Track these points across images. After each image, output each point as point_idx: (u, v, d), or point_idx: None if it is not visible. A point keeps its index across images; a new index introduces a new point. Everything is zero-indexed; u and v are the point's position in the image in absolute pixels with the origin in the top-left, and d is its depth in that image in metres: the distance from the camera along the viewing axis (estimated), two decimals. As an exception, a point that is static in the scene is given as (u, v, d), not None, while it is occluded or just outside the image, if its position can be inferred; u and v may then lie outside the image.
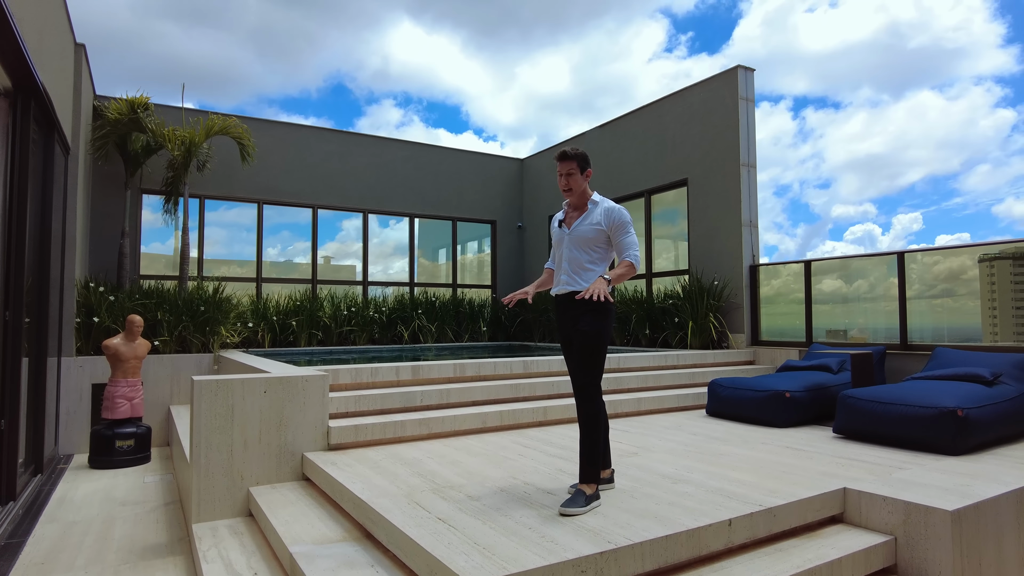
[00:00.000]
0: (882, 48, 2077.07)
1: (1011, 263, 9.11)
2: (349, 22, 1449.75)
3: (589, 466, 3.26)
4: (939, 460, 4.18)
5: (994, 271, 8.59)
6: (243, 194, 10.41)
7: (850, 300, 7.55)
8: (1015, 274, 9.36)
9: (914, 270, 6.94)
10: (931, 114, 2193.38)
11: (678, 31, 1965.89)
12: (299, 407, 4.49)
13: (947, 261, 6.69)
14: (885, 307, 7.20)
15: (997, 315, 6.40)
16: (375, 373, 5.43)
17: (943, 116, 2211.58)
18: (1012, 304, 6.10)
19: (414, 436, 4.87)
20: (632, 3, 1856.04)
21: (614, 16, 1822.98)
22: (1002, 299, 6.31)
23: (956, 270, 6.63)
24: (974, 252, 6.61)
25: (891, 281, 7.26)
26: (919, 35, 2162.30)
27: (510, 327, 11.94)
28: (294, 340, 9.93)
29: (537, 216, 12.67)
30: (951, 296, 6.60)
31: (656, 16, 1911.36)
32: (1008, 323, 6.26)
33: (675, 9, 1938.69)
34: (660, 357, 7.26)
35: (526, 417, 5.38)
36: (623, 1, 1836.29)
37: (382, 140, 11.77)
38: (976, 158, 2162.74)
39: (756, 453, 4.43)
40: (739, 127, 8.49)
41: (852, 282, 7.50)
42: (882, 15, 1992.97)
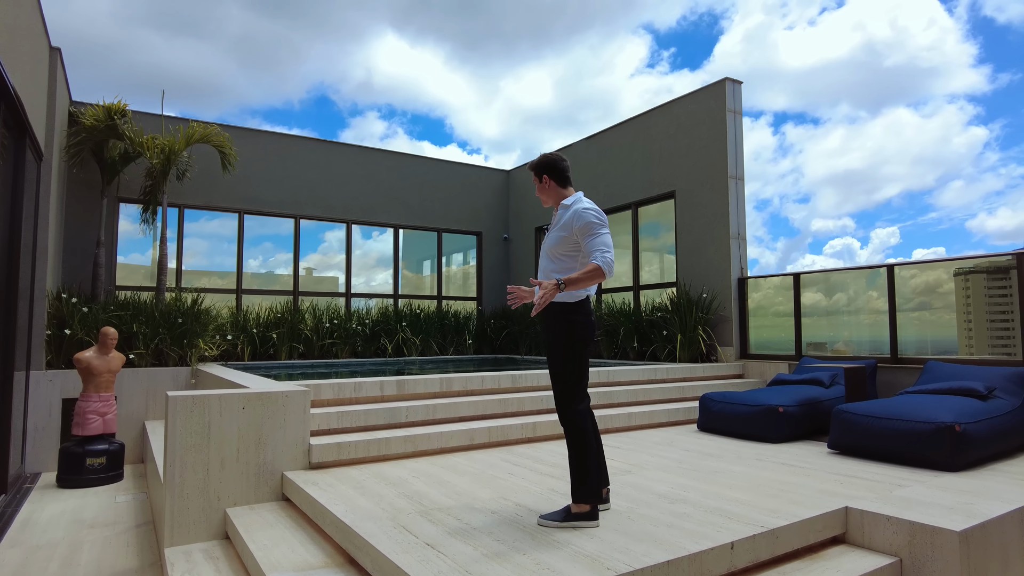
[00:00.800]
0: (859, 66, 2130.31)
1: (985, 277, 9.19)
2: (333, 33, 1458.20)
3: (573, 482, 3.16)
4: (937, 476, 4.09)
5: (969, 285, 8.66)
6: (224, 203, 10.19)
7: (830, 313, 7.57)
8: (989, 288, 9.46)
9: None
10: (907, 131, 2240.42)
11: (660, 47, 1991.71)
12: (279, 424, 4.30)
13: (923, 275, 6.72)
14: (864, 320, 7.20)
15: (972, 328, 6.47)
16: (358, 388, 5.25)
17: (918, 133, 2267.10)
18: (987, 317, 6.16)
19: (399, 454, 4.70)
20: (615, 19, 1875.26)
21: (597, 31, 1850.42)
22: (977, 312, 6.37)
23: (932, 284, 6.68)
24: (951, 266, 6.59)
25: (870, 294, 7.27)
26: (895, 54, 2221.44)
27: (496, 340, 11.79)
28: (275, 353, 9.70)
29: (523, 228, 12.57)
30: (928, 309, 6.65)
31: (639, 32, 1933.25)
32: (983, 336, 6.30)
33: (657, 25, 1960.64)
34: (650, 371, 7.16)
35: (515, 433, 5.23)
36: (606, 17, 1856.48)
37: (366, 150, 11.63)
38: (950, 174, 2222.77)
39: (752, 470, 4.32)
40: (727, 139, 8.47)
41: (832, 295, 7.52)
42: (859, 33, 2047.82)
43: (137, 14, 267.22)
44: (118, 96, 8.37)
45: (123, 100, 8.44)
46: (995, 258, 6.77)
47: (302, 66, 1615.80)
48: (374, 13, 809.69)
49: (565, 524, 3.05)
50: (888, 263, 6.75)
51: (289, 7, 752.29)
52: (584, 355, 3.25)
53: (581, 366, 3.22)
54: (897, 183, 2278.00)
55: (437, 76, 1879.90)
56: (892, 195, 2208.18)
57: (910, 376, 6.41)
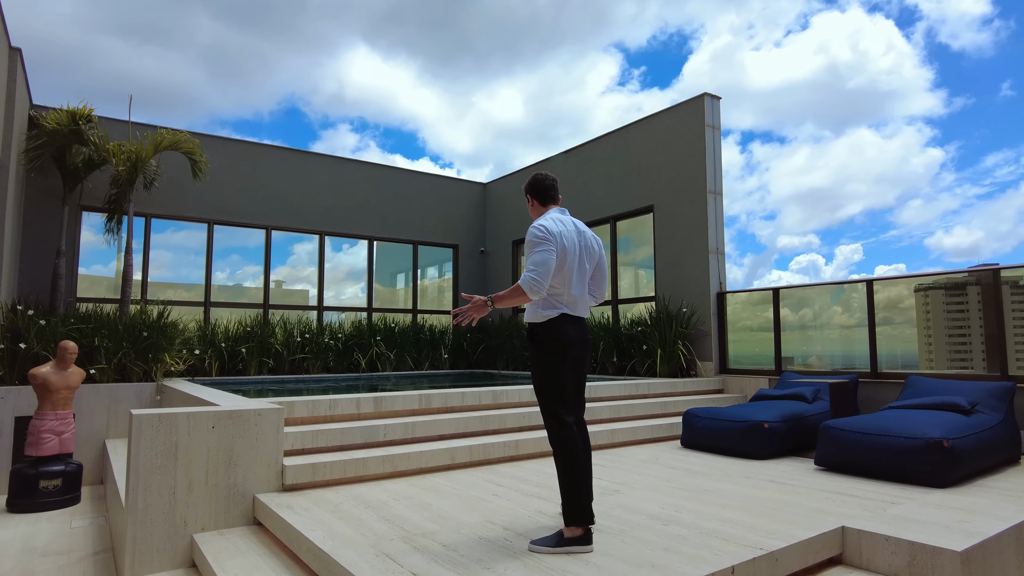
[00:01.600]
0: (823, 87, 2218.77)
1: (944, 293, 9.38)
2: (304, 45, 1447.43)
3: (564, 504, 3.03)
4: (928, 493, 4.04)
5: (929, 300, 8.81)
6: (193, 213, 9.88)
7: (796, 328, 7.61)
8: (947, 303, 9.65)
9: (855, 299, 6.99)
10: (869, 151, 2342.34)
11: (631, 65, 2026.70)
12: (251, 444, 4.08)
13: (886, 290, 6.76)
14: (829, 335, 7.27)
15: (932, 342, 6.60)
16: (334, 405, 5.04)
17: (879, 153, 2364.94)
18: (946, 332, 6.25)
19: (377, 475, 4.50)
20: (586, 38, 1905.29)
21: (569, 49, 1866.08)
22: (936, 327, 6.47)
23: (894, 299, 6.73)
24: (911, 282, 6.65)
25: (835, 309, 7.37)
26: (856, 76, 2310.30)
27: (472, 354, 11.61)
28: (244, 368, 9.38)
29: (500, 241, 12.45)
30: (890, 324, 6.68)
31: (610, 50, 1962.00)
32: (943, 350, 6.40)
33: (628, 44, 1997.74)
34: (631, 386, 7.06)
35: (497, 452, 5.06)
36: (578, 35, 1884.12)
37: (340, 160, 11.42)
38: (909, 193, 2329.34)
39: (742, 488, 4.22)
40: (705, 154, 8.48)
41: (798, 311, 7.56)
42: (822, 56, 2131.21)
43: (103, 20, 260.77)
44: (83, 100, 8.05)
45: (88, 105, 8.13)
46: (953, 275, 6.87)
47: (272, 77, 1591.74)
48: (346, 25, 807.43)
49: (558, 550, 2.90)
50: (867, 278, 6.78)
51: (260, 17, 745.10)
52: (562, 372, 3.15)
53: (559, 384, 3.13)
54: (860, 201, 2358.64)
55: (409, 90, 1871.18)
56: (855, 213, 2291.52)
57: (891, 391, 6.42)
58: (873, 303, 6.75)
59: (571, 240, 3.24)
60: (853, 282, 7.07)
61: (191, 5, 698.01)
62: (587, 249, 3.36)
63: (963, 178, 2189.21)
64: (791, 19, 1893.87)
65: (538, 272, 3.04)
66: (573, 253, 3.23)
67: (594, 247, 3.42)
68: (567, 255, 3.19)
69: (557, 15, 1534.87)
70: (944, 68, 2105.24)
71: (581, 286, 3.28)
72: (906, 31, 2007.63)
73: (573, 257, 3.23)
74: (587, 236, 3.40)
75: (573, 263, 3.22)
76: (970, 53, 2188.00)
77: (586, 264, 3.33)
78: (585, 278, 3.33)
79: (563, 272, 3.18)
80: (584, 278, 3.32)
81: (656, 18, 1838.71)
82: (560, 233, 3.19)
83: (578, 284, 3.25)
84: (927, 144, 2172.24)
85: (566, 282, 3.19)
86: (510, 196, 12.31)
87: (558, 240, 3.16)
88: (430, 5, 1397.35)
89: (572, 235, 3.27)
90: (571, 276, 3.21)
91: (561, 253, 3.16)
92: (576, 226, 3.36)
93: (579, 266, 3.27)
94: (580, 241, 3.31)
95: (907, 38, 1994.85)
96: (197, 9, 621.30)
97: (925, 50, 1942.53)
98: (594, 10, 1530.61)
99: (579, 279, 3.26)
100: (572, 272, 3.21)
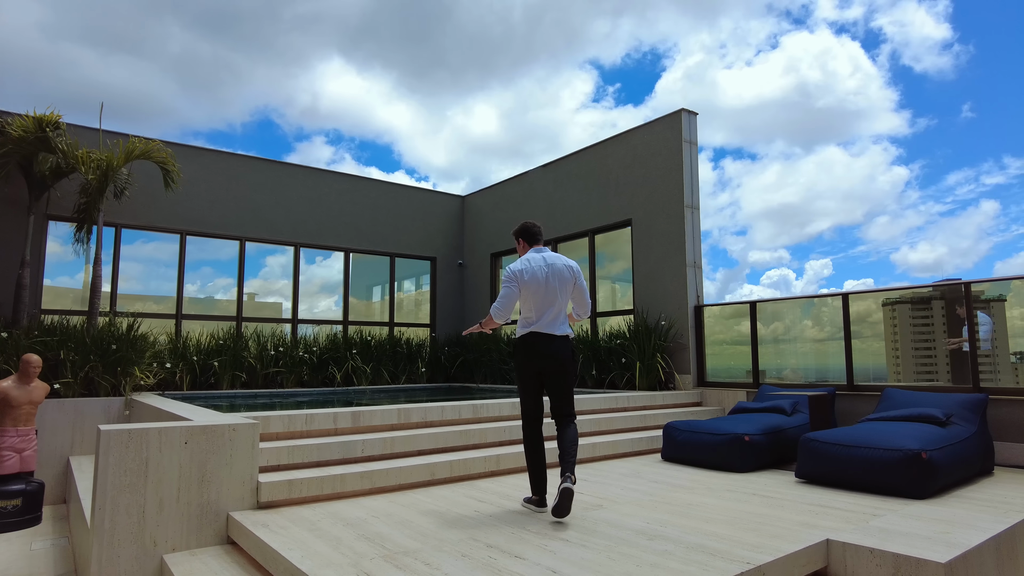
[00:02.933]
0: (792, 105, 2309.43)
1: (910, 307, 9.60)
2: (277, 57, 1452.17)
3: None
4: (908, 505, 4.07)
5: (896, 314, 9.00)
6: (164, 224, 9.67)
7: (768, 343, 7.66)
8: (914, 317, 9.90)
9: (825, 313, 7.09)
10: (837, 168, 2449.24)
11: (606, 82, 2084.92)
12: (225, 460, 3.95)
13: (854, 305, 6.88)
14: (800, 348, 7.35)
15: (899, 355, 6.70)
16: (310, 420, 4.92)
17: (847, 171, 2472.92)
18: (912, 345, 6.36)
19: (355, 491, 4.39)
20: (560, 53, 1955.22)
21: (543, 65, 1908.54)
22: (903, 341, 6.56)
23: (862, 313, 6.84)
24: (879, 296, 6.75)
25: (805, 323, 7.45)
26: (825, 96, 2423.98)
27: (450, 368, 11.50)
28: (216, 382, 9.17)
29: (478, 254, 12.41)
30: (859, 338, 6.82)
31: (585, 67, 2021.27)
32: (909, 363, 6.48)
33: (603, 61, 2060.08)
34: (611, 399, 7.03)
35: (477, 467, 4.98)
36: (551, 51, 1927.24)
37: (316, 171, 11.30)
38: (876, 210, 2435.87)
39: (725, 502, 4.20)
40: (683, 169, 8.56)
41: (769, 325, 7.65)
42: (792, 75, 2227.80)
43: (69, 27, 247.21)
44: (50, 106, 7.85)
45: (56, 111, 7.92)
46: (919, 289, 7.00)
47: (245, 88, 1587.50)
48: (320, 37, 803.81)
49: (523, 505, 4.00)
50: (843, 292, 6.87)
51: (231, 28, 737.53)
52: (525, 379, 4.04)
53: (522, 388, 4.08)
54: (829, 217, 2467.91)
55: (385, 103, 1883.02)
56: (824, 229, 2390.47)
57: (866, 403, 6.49)
58: (849, 316, 6.83)
59: (537, 273, 3.98)
60: (830, 295, 7.16)
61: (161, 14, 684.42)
62: (557, 276, 4.01)
63: (927, 196, 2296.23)
64: (761, 39, 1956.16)
65: (500, 304, 3.97)
66: (539, 283, 3.96)
67: (566, 274, 4.05)
68: (532, 286, 3.95)
69: (531, 32, 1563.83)
70: (908, 90, 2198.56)
71: (551, 308, 3.96)
72: (872, 52, 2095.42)
73: (539, 286, 3.95)
74: (557, 266, 4.05)
75: (540, 291, 3.95)
76: (932, 76, 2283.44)
77: (556, 289, 3.97)
78: (558, 300, 3.98)
79: (530, 300, 3.96)
80: (556, 300, 3.97)
81: (630, 36, 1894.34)
82: (523, 270, 3.99)
83: (546, 307, 3.95)
84: (893, 162, 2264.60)
85: (534, 307, 3.96)
86: (488, 209, 12.29)
87: (521, 277, 3.97)
88: (405, 20, 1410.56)
89: (539, 269, 3.99)
90: (538, 302, 3.95)
91: (525, 287, 3.96)
92: (545, 260, 4.06)
93: (547, 292, 3.95)
94: (548, 271, 4.00)
95: (872, 60, 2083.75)
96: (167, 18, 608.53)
97: (890, 72, 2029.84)
98: (567, 27, 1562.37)
99: (547, 303, 3.96)
100: (539, 298, 3.95)
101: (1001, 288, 6.03)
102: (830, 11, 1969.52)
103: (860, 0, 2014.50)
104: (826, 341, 7.09)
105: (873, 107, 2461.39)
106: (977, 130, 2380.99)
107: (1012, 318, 5.94)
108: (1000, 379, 6.02)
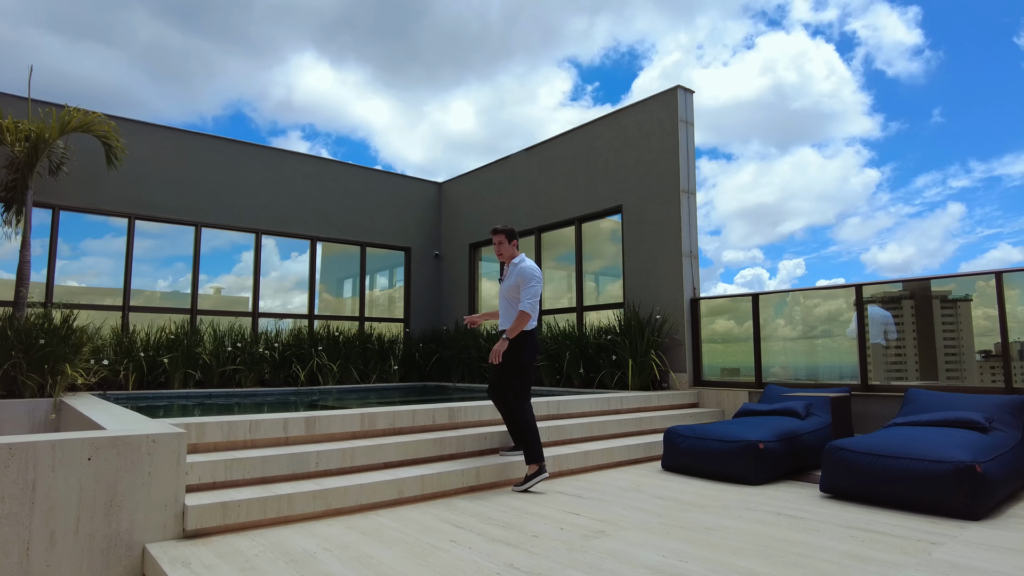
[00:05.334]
0: (768, 106, 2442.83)
1: (880, 306, 9.25)
2: (250, 48, 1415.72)
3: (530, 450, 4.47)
4: (964, 528, 3.44)
5: (867, 313, 8.65)
6: (110, 206, 8.78)
7: (741, 340, 7.40)
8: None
9: (797, 312, 7.06)
10: (811, 169, 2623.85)
11: (584, 81, 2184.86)
12: (141, 479, 3.19)
13: (826, 304, 6.91)
14: (773, 347, 7.19)
15: (870, 354, 6.51)
16: (255, 428, 4.16)
17: (821, 172, 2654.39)
18: (882, 344, 6.05)
19: (306, 515, 3.64)
20: (537, 51, 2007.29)
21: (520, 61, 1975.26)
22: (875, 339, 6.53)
23: (834, 312, 6.82)
24: (850, 294, 6.54)
25: (779, 322, 7.40)
26: (801, 97, 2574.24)
27: (425, 366, 10.74)
28: (167, 381, 8.32)
29: (456, 245, 11.65)
30: (829, 336, 6.85)
31: (564, 65, 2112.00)
32: (880, 362, 6.47)
33: (582, 60, 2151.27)
34: (603, 400, 6.35)
35: (454, 482, 4.26)
36: (529, 48, 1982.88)
37: (281, 153, 10.45)
38: (848, 211, 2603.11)
39: (748, 524, 3.54)
40: (678, 151, 7.92)
41: (743, 323, 7.43)
42: (769, 76, 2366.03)
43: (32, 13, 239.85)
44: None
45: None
46: (890, 285, 6.69)
47: (216, 80, 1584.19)
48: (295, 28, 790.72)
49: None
50: (856, 284, 6.29)
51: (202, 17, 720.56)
52: (532, 369, 4.74)
53: (531, 378, 4.70)
54: (802, 218, 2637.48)
55: (361, 98, 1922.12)
56: (796, 229, 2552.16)
57: (883, 404, 5.90)
58: (862, 310, 6.25)
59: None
60: (841, 287, 6.59)
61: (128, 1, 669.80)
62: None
63: (897, 198, 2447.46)
64: (738, 39, 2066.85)
65: (535, 300, 4.56)
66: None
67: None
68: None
69: (508, 28, 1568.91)
70: (880, 93, 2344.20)
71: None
72: (846, 56, 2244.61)
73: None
74: None
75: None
76: (904, 80, 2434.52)
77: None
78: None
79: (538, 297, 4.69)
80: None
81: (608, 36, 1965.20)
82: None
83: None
84: (865, 165, 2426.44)
85: (539, 304, 4.68)
86: (467, 197, 11.54)
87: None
88: (381, 13, 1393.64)
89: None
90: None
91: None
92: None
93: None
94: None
95: (847, 63, 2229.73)
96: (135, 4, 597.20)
97: (864, 76, 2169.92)
98: (544, 24, 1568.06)
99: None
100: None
101: (967, 288, 6.03)
102: (805, 12, 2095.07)
103: (835, 2, 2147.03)
104: (796, 340, 7.02)
105: (846, 110, 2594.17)
106: (946, 134, 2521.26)
107: (977, 317, 5.91)
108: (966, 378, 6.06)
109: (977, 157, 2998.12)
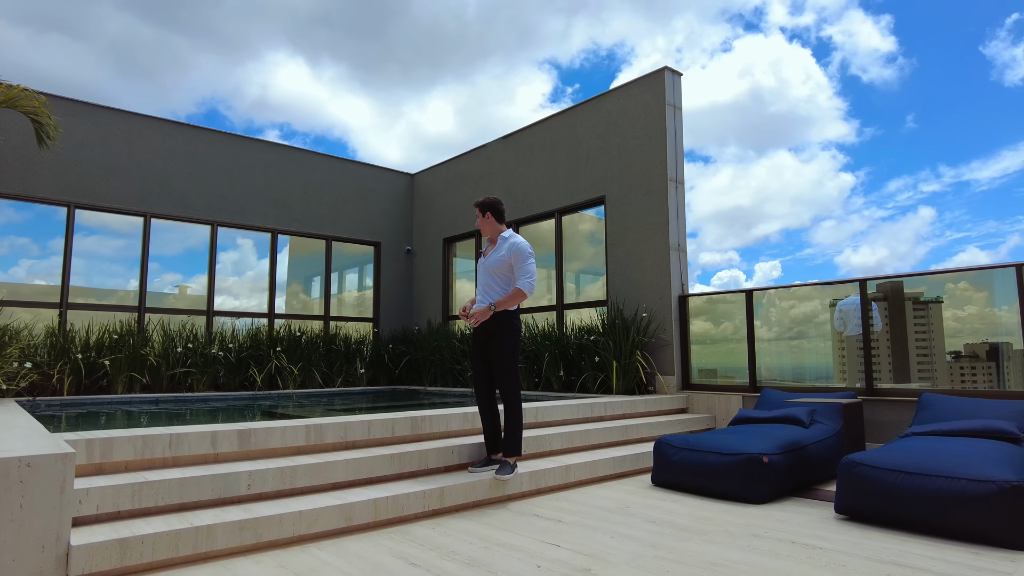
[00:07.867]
0: (745, 109, 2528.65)
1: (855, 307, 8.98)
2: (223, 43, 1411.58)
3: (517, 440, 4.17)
4: (1016, 561, 2.90)
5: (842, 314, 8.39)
6: (46, 193, 8.00)
7: (718, 341, 7.14)
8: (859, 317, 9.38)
9: (772, 313, 6.85)
10: (787, 173, 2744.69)
11: (564, 83, 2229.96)
12: (10, 514, 2.52)
13: (802, 305, 6.80)
14: (773, 348, 6.90)
15: (845, 355, 6.50)
16: (177, 442, 3.49)
17: (796, 176, 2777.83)
18: (857, 345, 5.83)
19: (230, 549, 2.99)
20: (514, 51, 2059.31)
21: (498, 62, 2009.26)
22: (848, 340, 6.37)
23: (810, 313, 6.76)
24: (826, 296, 6.54)
25: (755, 323, 6.96)
26: (778, 102, 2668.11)
27: (395, 369, 10.08)
28: (109, 385, 7.57)
29: (429, 240, 11.00)
30: (805, 338, 6.75)
31: (544, 67, 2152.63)
32: (855, 363, 6.30)
33: (562, 62, 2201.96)
34: (585, 406, 5.77)
35: (413, 505, 3.64)
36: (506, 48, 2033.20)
37: (238, 139, 9.71)
38: (822, 215, 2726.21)
39: (760, 558, 2.97)
40: (666, 137, 7.37)
41: (719, 324, 7.19)
42: (747, 80, 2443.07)
43: None
44: None
45: None
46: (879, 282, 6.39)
47: (188, 76, 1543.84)
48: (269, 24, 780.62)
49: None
50: (860, 279, 5.79)
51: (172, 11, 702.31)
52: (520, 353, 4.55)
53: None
54: (777, 221, 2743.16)
55: (337, 97, 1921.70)
56: (772, 232, 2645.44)
57: (891, 410, 5.40)
58: (866, 308, 5.76)
59: None
60: (846, 282, 6.10)
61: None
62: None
63: (870, 202, 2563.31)
64: (716, 43, 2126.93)
65: (533, 280, 4.18)
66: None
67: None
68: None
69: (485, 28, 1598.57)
70: (856, 99, 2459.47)
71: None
72: (822, 61, 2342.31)
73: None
74: None
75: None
76: (878, 86, 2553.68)
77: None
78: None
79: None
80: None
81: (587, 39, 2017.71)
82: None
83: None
84: (840, 169, 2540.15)
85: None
86: (441, 188, 10.90)
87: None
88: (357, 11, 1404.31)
89: None
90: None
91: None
92: None
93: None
94: None
95: (823, 68, 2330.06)
96: None
97: (839, 82, 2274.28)
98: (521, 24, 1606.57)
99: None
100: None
101: (937, 290, 6.00)
102: (783, 16, 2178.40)
103: (811, 7, 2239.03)
104: (771, 341, 6.74)
105: (822, 115, 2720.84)
106: (919, 140, 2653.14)
107: (947, 319, 5.93)
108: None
109: (947, 163, 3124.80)
